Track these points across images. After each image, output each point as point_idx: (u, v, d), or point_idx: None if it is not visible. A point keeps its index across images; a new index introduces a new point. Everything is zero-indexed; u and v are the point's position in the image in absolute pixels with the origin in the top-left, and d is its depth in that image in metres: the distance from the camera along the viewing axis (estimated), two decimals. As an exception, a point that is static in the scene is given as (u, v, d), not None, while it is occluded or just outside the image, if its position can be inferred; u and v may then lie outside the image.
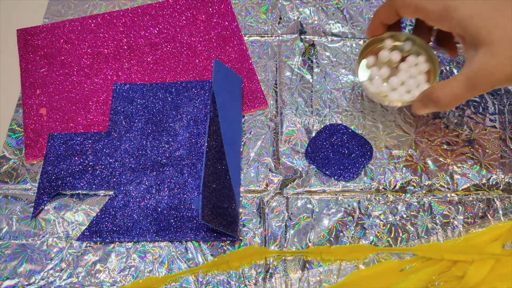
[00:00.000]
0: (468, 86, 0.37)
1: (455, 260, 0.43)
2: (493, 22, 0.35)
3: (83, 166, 0.49)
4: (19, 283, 0.44)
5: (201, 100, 0.52)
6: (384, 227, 0.46)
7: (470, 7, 0.36)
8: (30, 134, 0.51)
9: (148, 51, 0.56)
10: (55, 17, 0.59)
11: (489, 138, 0.50)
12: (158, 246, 0.45)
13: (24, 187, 0.48)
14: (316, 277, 0.44)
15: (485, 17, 0.36)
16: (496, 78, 0.36)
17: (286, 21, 0.58)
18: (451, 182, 0.48)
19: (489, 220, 0.46)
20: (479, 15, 0.36)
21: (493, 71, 0.36)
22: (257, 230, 0.46)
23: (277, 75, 0.55)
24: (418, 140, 0.50)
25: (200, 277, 0.44)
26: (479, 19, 0.36)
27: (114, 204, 0.47)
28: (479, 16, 0.36)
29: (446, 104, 0.40)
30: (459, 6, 0.37)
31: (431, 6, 0.39)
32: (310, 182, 0.48)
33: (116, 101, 0.53)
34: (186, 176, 0.48)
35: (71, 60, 0.56)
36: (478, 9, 0.36)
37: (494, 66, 0.35)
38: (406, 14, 0.42)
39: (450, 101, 0.39)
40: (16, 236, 0.46)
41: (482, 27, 0.36)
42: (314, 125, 0.52)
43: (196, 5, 0.59)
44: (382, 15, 0.44)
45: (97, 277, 0.44)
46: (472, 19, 0.36)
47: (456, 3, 0.37)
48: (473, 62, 0.37)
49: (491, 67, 0.36)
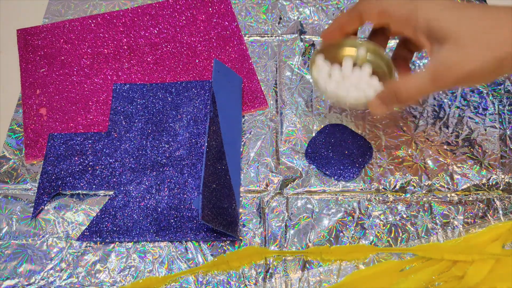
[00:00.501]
0: (431, 80, 0.38)
1: (455, 260, 0.43)
2: (458, 20, 0.36)
3: (83, 166, 0.49)
4: (19, 283, 0.44)
5: (201, 100, 0.52)
6: (384, 227, 0.46)
7: (435, 8, 0.37)
8: (30, 134, 0.51)
9: (148, 51, 0.56)
10: (55, 17, 0.59)
11: (489, 138, 0.50)
12: (158, 246, 0.45)
13: (24, 187, 0.48)
14: (316, 277, 0.44)
15: (450, 16, 0.37)
16: (459, 73, 0.36)
17: (286, 21, 0.58)
18: (451, 182, 0.48)
19: (489, 220, 0.46)
20: (444, 14, 0.37)
21: (457, 66, 0.36)
22: (257, 230, 0.46)
23: (277, 75, 0.55)
24: (418, 140, 0.50)
25: (200, 277, 0.44)
26: (444, 17, 0.37)
27: (114, 204, 0.47)
28: (444, 15, 0.37)
29: (408, 97, 0.40)
30: (424, 6, 0.38)
31: (397, 9, 0.39)
32: (310, 182, 0.48)
33: (116, 101, 0.53)
34: (186, 176, 0.48)
35: (71, 60, 0.56)
36: (443, 8, 0.37)
37: (457, 61, 0.36)
38: (370, 19, 0.42)
39: (412, 94, 0.39)
40: (16, 236, 0.46)
41: (447, 25, 0.37)
42: (314, 125, 0.52)
43: (196, 5, 0.59)
44: (344, 20, 0.44)
45: (97, 277, 0.44)
46: (437, 18, 0.37)
47: (421, 4, 0.38)
48: (437, 57, 0.37)
49: (455, 62, 0.36)
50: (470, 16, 0.36)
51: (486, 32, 0.36)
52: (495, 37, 0.35)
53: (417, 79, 0.39)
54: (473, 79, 0.37)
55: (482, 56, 0.36)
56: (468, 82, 0.39)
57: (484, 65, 0.36)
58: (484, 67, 0.36)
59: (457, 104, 0.52)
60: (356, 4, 0.42)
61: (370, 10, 0.41)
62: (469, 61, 0.36)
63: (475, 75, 0.36)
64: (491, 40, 0.35)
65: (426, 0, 0.38)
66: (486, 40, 0.36)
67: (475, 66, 0.36)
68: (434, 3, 0.38)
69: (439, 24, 0.37)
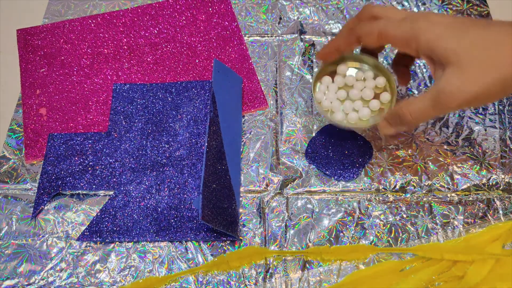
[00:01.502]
0: (434, 104, 0.37)
1: (455, 260, 0.43)
2: (459, 42, 0.36)
3: (83, 166, 0.49)
4: (19, 283, 0.44)
5: (201, 100, 0.52)
6: (384, 227, 0.46)
7: (436, 30, 0.37)
8: (30, 134, 0.51)
9: (148, 51, 0.56)
10: (55, 17, 0.59)
11: (489, 138, 0.50)
12: (158, 246, 0.45)
13: (24, 187, 0.48)
14: (316, 277, 0.44)
15: (451, 38, 0.36)
16: (462, 97, 0.36)
17: (286, 21, 0.58)
18: (451, 182, 0.48)
19: (489, 220, 0.46)
20: (445, 36, 0.36)
21: (459, 91, 0.36)
22: (257, 230, 0.46)
23: (277, 75, 0.55)
24: (418, 140, 0.50)
25: (200, 277, 0.44)
26: (445, 40, 0.36)
27: (114, 204, 0.47)
28: (445, 37, 0.36)
29: (412, 121, 0.39)
30: (426, 29, 0.37)
31: (397, 32, 0.39)
32: (310, 182, 0.48)
33: (116, 101, 0.53)
34: (186, 176, 0.48)
35: (71, 60, 0.56)
36: (444, 30, 0.37)
37: (459, 86, 0.36)
38: (369, 42, 0.41)
39: (416, 118, 0.39)
40: (16, 236, 0.46)
41: (449, 48, 0.36)
42: (314, 125, 0.52)
43: (196, 5, 0.59)
44: (341, 42, 0.44)
45: (97, 277, 0.44)
46: (438, 41, 0.37)
47: (422, 26, 0.37)
48: (440, 81, 0.37)
49: (457, 87, 0.36)
50: (471, 37, 0.36)
51: (487, 52, 0.35)
52: (497, 56, 0.35)
53: (420, 103, 0.38)
54: (478, 101, 0.37)
55: (485, 78, 0.35)
56: (473, 104, 0.37)
57: (488, 87, 0.35)
58: (488, 89, 0.35)
59: (457, 104, 0.52)
60: (354, 27, 0.42)
61: (369, 33, 0.40)
62: (472, 84, 0.35)
63: (479, 98, 0.36)
64: (494, 59, 0.35)
65: (427, 20, 0.37)
66: (489, 61, 0.35)
67: (478, 89, 0.35)
68: (434, 22, 0.37)
69: (440, 46, 0.36)
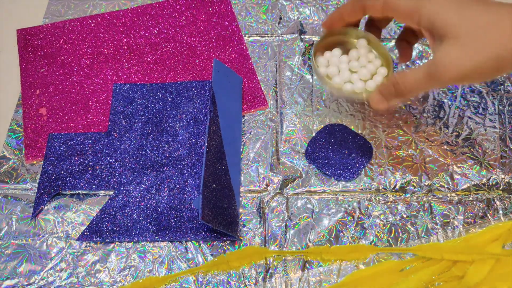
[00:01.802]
0: (429, 76, 0.38)
1: (455, 260, 0.43)
2: (459, 17, 0.37)
3: (83, 166, 0.49)
4: (19, 283, 0.44)
5: (201, 100, 0.52)
6: (384, 227, 0.46)
7: (438, 3, 0.38)
8: (30, 134, 0.51)
9: (148, 51, 0.56)
10: (55, 17, 0.59)
11: (489, 138, 0.50)
12: (158, 246, 0.45)
13: (24, 187, 0.48)
14: (316, 277, 0.44)
15: (452, 12, 0.37)
16: (456, 70, 0.36)
17: (286, 21, 0.58)
18: (451, 182, 0.48)
19: (489, 220, 0.46)
20: (446, 10, 0.37)
21: (454, 64, 0.36)
22: (257, 230, 0.46)
23: (277, 75, 0.55)
24: (418, 140, 0.50)
25: (200, 277, 0.44)
26: (446, 14, 0.37)
27: (114, 204, 0.47)
28: (446, 11, 0.37)
29: (406, 91, 0.40)
30: (428, 1, 0.38)
31: (401, 3, 0.39)
32: (310, 182, 0.48)
33: (116, 101, 0.53)
34: (186, 176, 0.48)
35: (71, 60, 0.56)
36: (446, 4, 0.37)
37: (457, 58, 0.36)
38: (374, 12, 0.42)
39: (410, 89, 0.39)
40: (16, 236, 0.46)
41: (449, 21, 0.37)
42: (314, 125, 0.52)
43: (196, 5, 0.59)
44: (346, 11, 0.44)
45: (97, 277, 0.44)
46: (439, 14, 0.37)
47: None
48: (436, 54, 0.38)
49: (452, 59, 0.36)
50: (472, 13, 0.36)
51: (486, 29, 0.36)
52: (495, 34, 0.35)
53: (415, 74, 0.39)
54: (472, 77, 0.37)
55: (481, 53, 0.35)
56: (467, 80, 0.39)
57: (483, 63, 0.36)
58: (482, 65, 0.36)
59: (457, 104, 0.52)
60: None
61: (374, 2, 0.41)
62: (468, 59, 0.36)
63: (474, 73, 0.36)
64: (491, 37, 0.35)
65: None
66: (486, 37, 0.35)
67: (474, 63, 0.36)
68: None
69: (441, 20, 0.37)
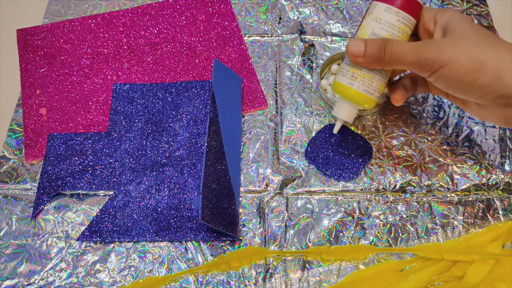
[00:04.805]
0: (417, 51, 0.38)
1: (455, 260, 0.43)
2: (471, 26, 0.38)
3: (83, 166, 0.49)
4: (19, 283, 0.44)
5: (201, 100, 0.52)
6: (384, 227, 0.46)
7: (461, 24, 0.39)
8: (30, 134, 0.51)
9: (148, 51, 0.56)
10: (55, 17, 0.59)
11: (489, 138, 0.50)
12: (158, 246, 0.45)
13: (24, 187, 0.48)
14: (316, 277, 0.44)
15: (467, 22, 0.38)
16: (445, 58, 0.36)
17: (286, 21, 0.58)
18: (451, 182, 0.48)
19: (489, 220, 0.46)
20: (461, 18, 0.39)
21: (445, 52, 0.37)
22: (257, 230, 0.46)
23: (277, 75, 0.55)
24: (418, 140, 0.50)
25: (200, 277, 0.44)
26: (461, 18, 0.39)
27: (114, 204, 0.47)
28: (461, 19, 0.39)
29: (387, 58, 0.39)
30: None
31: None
32: (310, 182, 0.48)
33: (116, 101, 0.53)
34: (186, 176, 0.48)
35: (71, 60, 0.56)
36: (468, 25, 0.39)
37: (448, 45, 0.37)
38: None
39: (394, 57, 0.38)
40: (16, 236, 0.46)
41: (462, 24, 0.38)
42: (314, 125, 0.52)
43: (196, 5, 0.59)
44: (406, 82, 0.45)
45: (97, 277, 0.44)
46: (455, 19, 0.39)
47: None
48: (435, 36, 0.39)
49: (445, 45, 0.37)
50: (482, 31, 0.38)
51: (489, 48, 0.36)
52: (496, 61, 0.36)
53: (405, 45, 0.38)
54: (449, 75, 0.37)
55: (477, 59, 0.36)
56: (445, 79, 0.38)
57: (472, 67, 0.36)
58: (472, 68, 0.36)
59: (457, 104, 0.52)
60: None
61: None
62: (462, 55, 0.36)
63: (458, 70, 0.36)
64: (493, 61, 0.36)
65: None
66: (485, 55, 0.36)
67: (463, 61, 0.36)
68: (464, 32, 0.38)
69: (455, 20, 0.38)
